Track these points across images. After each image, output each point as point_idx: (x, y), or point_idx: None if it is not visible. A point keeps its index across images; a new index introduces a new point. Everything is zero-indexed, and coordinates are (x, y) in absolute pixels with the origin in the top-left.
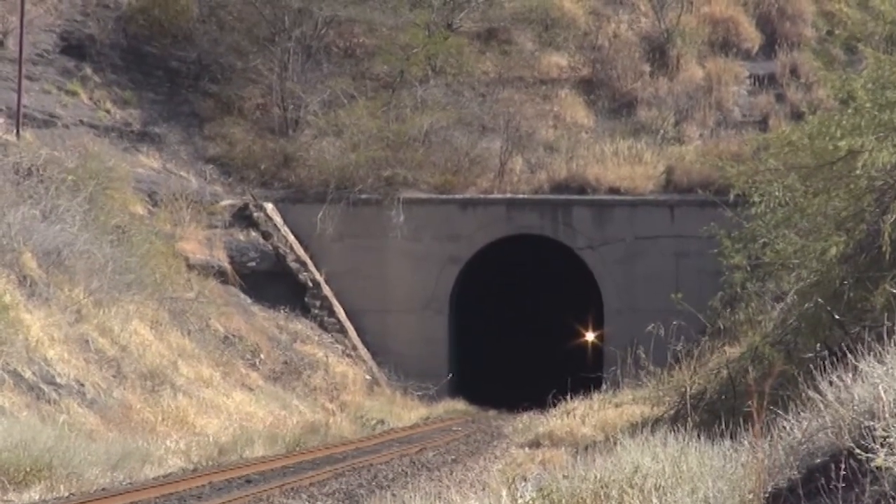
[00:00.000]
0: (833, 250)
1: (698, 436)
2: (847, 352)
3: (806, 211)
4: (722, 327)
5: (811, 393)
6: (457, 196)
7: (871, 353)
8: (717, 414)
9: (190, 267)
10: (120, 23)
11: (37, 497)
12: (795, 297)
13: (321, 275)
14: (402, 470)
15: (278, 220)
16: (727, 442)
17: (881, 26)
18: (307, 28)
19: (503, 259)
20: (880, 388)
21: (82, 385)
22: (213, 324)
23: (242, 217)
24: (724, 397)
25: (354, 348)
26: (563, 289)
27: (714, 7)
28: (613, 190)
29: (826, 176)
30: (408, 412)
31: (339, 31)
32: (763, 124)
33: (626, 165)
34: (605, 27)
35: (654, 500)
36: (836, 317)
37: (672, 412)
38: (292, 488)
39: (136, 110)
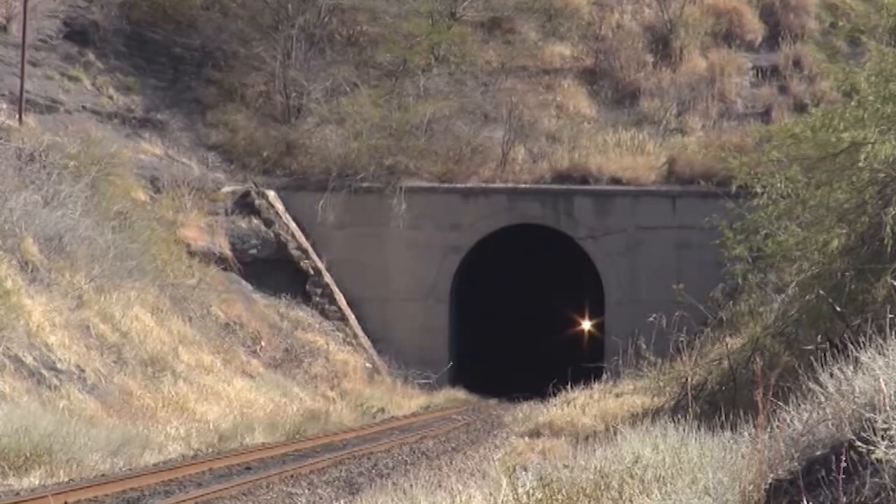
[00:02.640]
0: (835, 242)
1: (699, 426)
2: (848, 343)
3: (808, 203)
4: (723, 318)
5: (812, 385)
6: (459, 185)
7: (872, 345)
8: (717, 405)
9: (191, 254)
10: (123, 9)
11: (37, 482)
12: (797, 288)
13: (322, 263)
14: (403, 458)
15: (280, 207)
16: (728, 433)
17: (885, 18)
18: (310, 16)
19: (505, 249)
20: (881, 380)
21: (83, 371)
22: (214, 311)
23: (244, 204)
24: (724, 388)
25: (355, 336)
26: (564, 279)
27: None
28: (615, 180)
29: (828, 168)
30: (408, 401)
31: (342, 19)
32: (766, 116)
33: (628, 156)
34: (609, 17)
35: (655, 491)
36: (838, 309)
37: (673, 403)
38: (292, 476)
39: (139, 97)
